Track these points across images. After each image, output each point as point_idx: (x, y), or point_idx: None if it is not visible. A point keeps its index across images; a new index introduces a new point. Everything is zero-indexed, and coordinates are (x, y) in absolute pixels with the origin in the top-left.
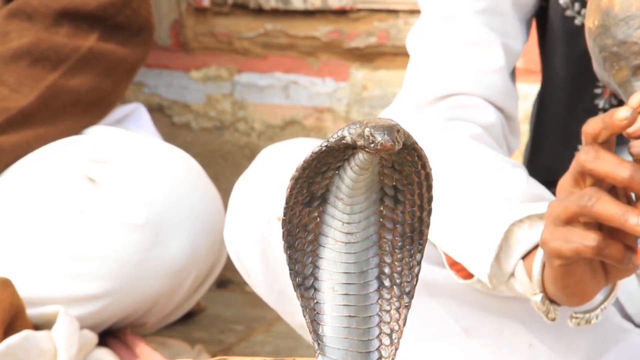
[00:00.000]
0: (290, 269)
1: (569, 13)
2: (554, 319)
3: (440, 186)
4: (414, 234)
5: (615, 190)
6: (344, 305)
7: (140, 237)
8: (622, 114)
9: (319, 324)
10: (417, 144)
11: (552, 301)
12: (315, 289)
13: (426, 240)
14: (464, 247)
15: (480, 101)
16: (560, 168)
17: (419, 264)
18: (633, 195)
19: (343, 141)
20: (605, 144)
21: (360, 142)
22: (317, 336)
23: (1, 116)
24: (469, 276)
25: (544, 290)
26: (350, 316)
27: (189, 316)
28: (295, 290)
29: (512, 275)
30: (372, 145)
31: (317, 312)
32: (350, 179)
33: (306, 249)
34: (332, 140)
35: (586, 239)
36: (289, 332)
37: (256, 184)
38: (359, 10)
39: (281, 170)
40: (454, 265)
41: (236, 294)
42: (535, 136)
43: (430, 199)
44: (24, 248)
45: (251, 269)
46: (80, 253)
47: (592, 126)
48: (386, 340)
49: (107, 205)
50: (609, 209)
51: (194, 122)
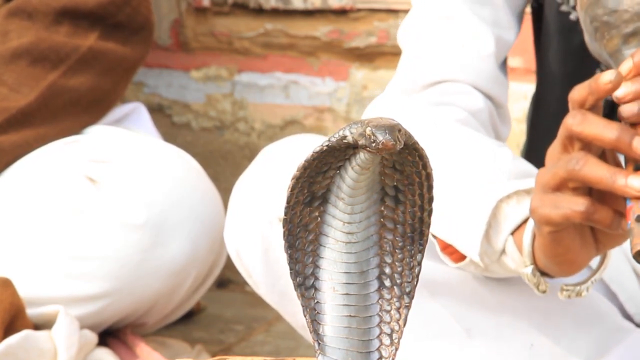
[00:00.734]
0: (291, 269)
1: (564, 8)
2: (544, 291)
3: None
4: (415, 234)
5: (604, 156)
6: (344, 305)
7: (140, 237)
8: (607, 77)
9: (320, 323)
10: (418, 144)
11: (543, 273)
12: (316, 289)
13: (427, 241)
14: (454, 227)
15: (468, 87)
16: None
17: (419, 264)
18: (622, 161)
19: (344, 141)
20: (592, 110)
21: (362, 142)
22: (318, 336)
23: (1, 116)
24: (461, 259)
25: (534, 262)
26: (350, 316)
27: (189, 316)
28: (295, 290)
29: (503, 252)
30: (374, 144)
31: (317, 312)
32: (352, 178)
33: (307, 249)
34: (333, 139)
35: (575, 204)
36: (289, 332)
37: (257, 184)
38: (359, 10)
39: (281, 170)
40: (446, 249)
41: (236, 294)
42: (533, 135)
43: (431, 200)
44: (24, 248)
45: (252, 269)
46: (80, 253)
47: (578, 92)
48: (386, 341)
49: (107, 205)
50: (596, 171)
51: (194, 122)
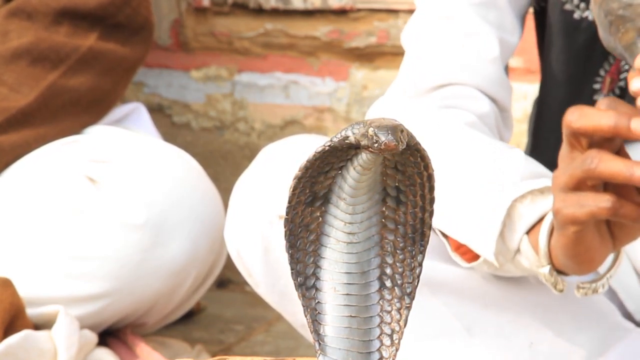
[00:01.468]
0: (292, 269)
1: (568, 7)
2: (561, 290)
3: (438, 170)
4: (416, 235)
5: (620, 152)
6: (345, 305)
7: (140, 237)
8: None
9: (320, 323)
10: (420, 145)
11: (559, 272)
12: (317, 289)
13: (428, 242)
14: (468, 227)
15: (475, 91)
16: None
17: (420, 265)
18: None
19: (346, 141)
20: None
21: (364, 142)
22: (318, 336)
23: (1, 116)
24: (474, 258)
25: (551, 261)
26: (351, 316)
27: (189, 316)
28: (296, 290)
29: (518, 251)
30: (376, 145)
31: (318, 312)
32: (353, 179)
33: (308, 249)
34: (335, 140)
35: (601, 201)
36: (289, 332)
37: (257, 183)
38: (359, 10)
39: (282, 170)
40: (459, 249)
41: (236, 294)
42: (535, 135)
43: (432, 201)
44: (24, 248)
45: (252, 268)
46: (80, 253)
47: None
48: (387, 341)
49: (107, 205)
50: (612, 166)
51: (194, 122)
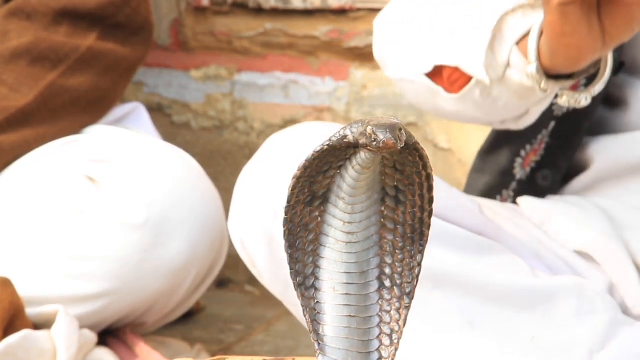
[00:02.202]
0: (291, 269)
1: None
2: (546, 90)
3: (434, 13)
4: (415, 235)
5: None
6: (344, 305)
7: (140, 237)
8: None
9: (320, 323)
10: (418, 144)
11: (548, 77)
12: (316, 289)
13: (427, 242)
14: (459, 45)
15: None
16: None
17: (419, 265)
18: None
19: (345, 140)
20: None
21: (363, 141)
22: (318, 336)
23: (0, 115)
24: (465, 84)
25: (539, 62)
26: (350, 316)
27: (188, 316)
28: (295, 290)
29: (508, 65)
30: (375, 143)
31: (317, 312)
32: (352, 178)
33: (307, 249)
34: (334, 139)
35: None
36: (288, 332)
37: (261, 174)
38: (358, 10)
39: (287, 160)
40: (450, 78)
41: (236, 294)
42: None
43: (431, 200)
44: (24, 248)
45: (256, 258)
46: (80, 253)
47: None
48: (386, 341)
49: (107, 205)
50: None
51: (194, 122)
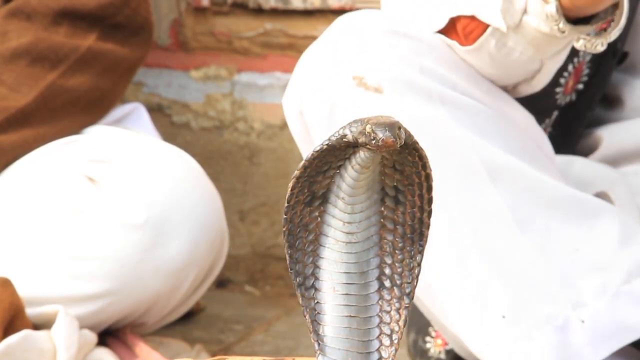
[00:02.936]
0: (291, 269)
1: None
2: (564, 32)
3: None
4: (415, 235)
5: None
6: (344, 305)
7: (140, 237)
8: None
9: (320, 324)
10: (418, 143)
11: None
12: (316, 289)
13: (426, 242)
14: None
15: None
16: None
17: (419, 265)
18: None
19: (344, 139)
20: None
21: (362, 140)
22: (318, 336)
23: (0, 115)
24: (480, 35)
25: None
26: (350, 316)
27: (188, 316)
28: (295, 290)
29: (525, 11)
30: (374, 142)
31: (317, 312)
32: (352, 178)
33: (307, 249)
34: (333, 138)
35: None
36: (288, 332)
37: (333, 43)
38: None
39: (363, 31)
40: (465, 29)
41: (236, 294)
42: None
43: (430, 200)
44: (24, 248)
45: (313, 127)
46: (80, 253)
47: None
48: (386, 341)
49: (107, 205)
50: None
51: (194, 122)
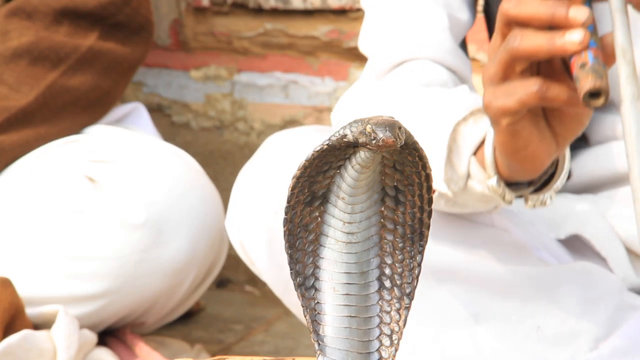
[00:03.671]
0: (291, 269)
1: None
2: (510, 202)
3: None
4: (415, 235)
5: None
6: (344, 305)
7: (139, 237)
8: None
9: (320, 324)
10: (418, 144)
11: (509, 185)
12: (316, 289)
13: (426, 242)
14: None
15: (430, 63)
16: None
17: (419, 265)
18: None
19: (345, 139)
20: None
21: (362, 139)
22: (318, 336)
23: (1, 115)
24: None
25: (497, 172)
26: (350, 316)
27: (188, 316)
28: (295, 290)
29: (469, 176)
30: (374, 141)
31: (317, 312)
32: (352, 178)
33: (307, 249)
34: (333, 138)
35: (528, 86)
36: (288, 332)
37: (261, 174)
38: (358, 10)
39: (286, 161)
40: None
41: (235, 294)
42: None
43: (430, 201)
44: (23, 248)
45: (256, 259)
46: (80, 253)
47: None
48: (386, 341)
49: (107, 205)
50: (535, 39)
51: (194, 122)
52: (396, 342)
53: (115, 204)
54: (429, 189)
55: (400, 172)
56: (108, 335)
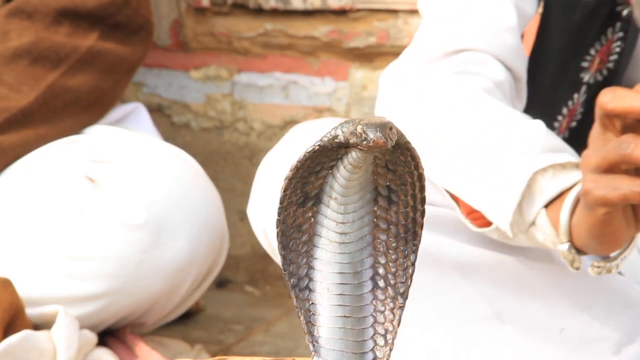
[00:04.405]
0: (285, 270)
1: None
2: (578, 268)
3: (456, 136)
4: (408, 235)
5: None
6: (338, 305)
7: (140, 237)
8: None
9: (314, 325)
10: (410, 143)
11: (577, 250)
12: (310, 290)
13: (420, 241)
14: (485, 194)
15: (491, 59)
16: None
17: (413, 264)
18: None
19: (336, 140)
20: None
21: (353, 140)
22: (312, 337)
23: (1, 115)
24: (486, 225)
25: (570, 238)
26: (345, 317)
27: (188, 316)
28: (290, 291)
29: (533, 224)
30: (365, 142)
31: (312, 313)
32: (344, 178)
33: (301, 250)
34: (325, 139)
35: (635, 185)
36: (288, 332)
37: (284, 162)
38: (358, 10)
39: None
40: (470, 214)
41: (235, 294)
42: (525, 110)
43: (423, 200)
44: (24, 248)
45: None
46: (80, 253)
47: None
48: (380, 341)
49: (107, 205)
50: None
51: (194, 122)
52: (390, 341)
53: (115, 204)
54: (422, 188)
55: (392, 172)
56: (108, 336)
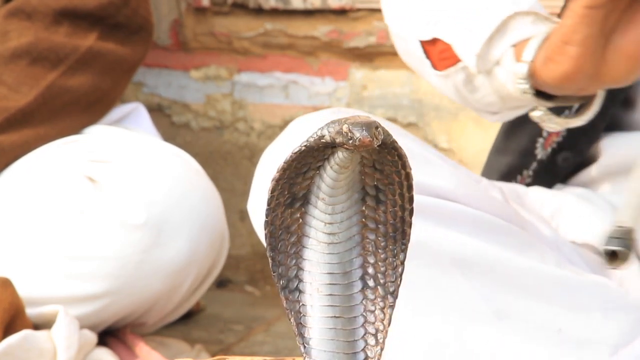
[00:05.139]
0: (274, 272)
1: None
2: (525, 93)
3: None
4: (397, 234)
5: None
6: (328, 306)
7: (140, 237)
8: None
9: (305, 326)
10: (396, 143)
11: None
12: (300, 291)
13: (409, 240)
14: (462, 26)
15: None
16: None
17: (402, 263)
18: None
19: (322, 140)
20: None
21: (339, 140)
22: (303, 339)
23: (0, 115)
24: (451, 66)
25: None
26: (335, 317)
27: (188, 316)
28: (279, 293)
29: (498, 63)
30: (351, 141)
31: (302, 315)
32: (331, 178)
33: (289, 251)
34: (311, 139)
35: None
36: (288, 332)
37: (283, 156)
38: (358, 10)
39: None
40: (441, 58)
41: (236, 294)
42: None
43: (411, 199)
44: (23, 248)
45: None
46: (80, 253)
47: None
48: (371, 341)
49: (107, 205)
50: None
51: (194, 122)
52: (381, 341)
53: (115, 204)
54: (410, 187)
55: (380, 172)
56: (108, 335)
